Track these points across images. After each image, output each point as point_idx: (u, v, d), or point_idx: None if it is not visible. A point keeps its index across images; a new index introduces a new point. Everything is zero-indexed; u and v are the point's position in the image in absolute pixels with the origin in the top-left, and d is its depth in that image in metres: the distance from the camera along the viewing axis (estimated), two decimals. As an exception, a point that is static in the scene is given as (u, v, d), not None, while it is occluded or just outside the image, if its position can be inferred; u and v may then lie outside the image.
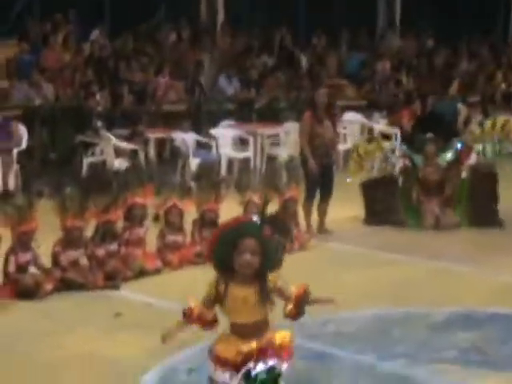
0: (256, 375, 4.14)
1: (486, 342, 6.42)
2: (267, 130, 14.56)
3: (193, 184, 9.69)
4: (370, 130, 16.01)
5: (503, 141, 10.87)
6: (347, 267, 8.71)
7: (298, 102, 16.37)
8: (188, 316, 4.35)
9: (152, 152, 13.40)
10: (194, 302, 4.38)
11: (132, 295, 7.63)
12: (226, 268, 4.20)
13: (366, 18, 21.42)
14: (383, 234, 10.27)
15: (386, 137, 15.09)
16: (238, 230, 4.15)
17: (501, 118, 11.13)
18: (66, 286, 7.69)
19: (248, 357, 4.17)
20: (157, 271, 8.34)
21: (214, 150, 13.49)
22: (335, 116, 10.40)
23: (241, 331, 4.22)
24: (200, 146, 13.58)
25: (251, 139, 14.08)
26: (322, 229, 10.22)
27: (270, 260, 4.16)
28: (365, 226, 10.66)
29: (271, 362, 4.16)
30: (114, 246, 8.26)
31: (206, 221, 9.02)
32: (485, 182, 10.71)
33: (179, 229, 8.82)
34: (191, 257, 8.72)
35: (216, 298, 4.25)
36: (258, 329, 4.21)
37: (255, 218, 4.30)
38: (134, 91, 14.52)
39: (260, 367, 4.15)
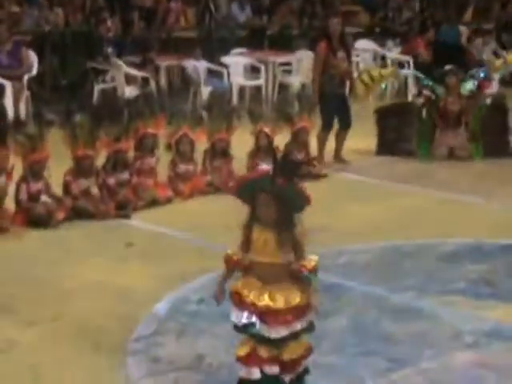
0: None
1: (494, 274, 6.44)
2: (279, 58, 14.43)
3: (204, 113, 9.63)
4: (383, 58, 15.85)
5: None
6: (358, 198, 8.72)
7: (310, 30, 16.22)
8: (227, 262, 4.51)
9: (163, 80, 13.32)
10: (231, 249, 4.52)
11: (143, 224, 7.67)
12: (251, 209, 4.38)
13: None
14: (395, 165, 10.27)
15: (399, 65, 14.96)
16: (252, 185, 4.34)
17: None
18: (77, 214, 7.72)
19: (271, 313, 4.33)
20: (168, 201, 8.35)
21: (225, 78, 13.39)
22: (349, 46, 10.26)
23: (260, 272, 4.38)
24: (211, 73, 13.48)
25: (263, 67, 13.96)
26: (338, 157, 10.22)
27: (288, 206, 4.30)
28: (376, 156, 10.64)
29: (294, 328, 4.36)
30: (125, 176, 8.27)
31: (217, 150, 9.01)
32: (496, 114, 10.66)
33: (190, 158, 8.81)
34: (202, 186, 8.74)
35: (249, 239, 4.40)
36: (277, 273, 4.36)
37: (268, 169, 4.34)
38: (144, 17, 14.37)
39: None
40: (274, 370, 4.41)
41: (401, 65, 14.99)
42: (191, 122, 9.04)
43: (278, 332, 4.37)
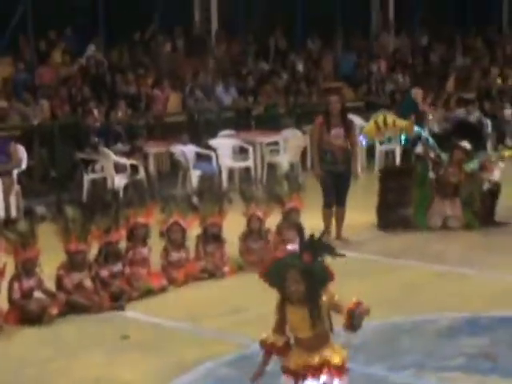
0: None
1: (493, 347, 6.41)
2: (266, 138, 14.57)
3: (195, 199, 9.68)
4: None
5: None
6: (354, 274, 8.67)
7: (296, 107, 16.42)
8: (263, 347, 4.78)
9: (152, 166, 13.40)
10: (265, 333, 4.80)
11: (138, 315, 7.62)
12: (282, 291, 4.67)
13: (360, 19, 21.40)
14: (390, 239, 10.27)
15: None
16: (281, 264, 4.66)
17: None
18: (71, 309, 7.67)
19: (307, 369, 4.65)
20: (162, 289, 8.32)
21: (213, 161, 13.49)
22: (349, 122, 10.34)
23: (303, 345, 4.69)
24: (200, 157, 13.58)
25: (251, 148, 14.09)
26: (339, 236, 10.25)
27: (316, 282, 4.58)
28: (369, 231, 10.66)
29: (323, 379, 4.61)
30: (117, 267, 8.25)
31: (209, 235, 9.03)
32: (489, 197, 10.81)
33: (182, 245, 8.81)
34: (196, 272, 8.73)
35: (283, 321, 4.70)
36: (318, 342, 4.66)
37: (295, 248, 4.68)
38: (131, 105, 14.53)
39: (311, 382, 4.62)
40: None
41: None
42: (182, 208, 9.06)
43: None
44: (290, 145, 14.39)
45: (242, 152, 14.35)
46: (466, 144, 10.86)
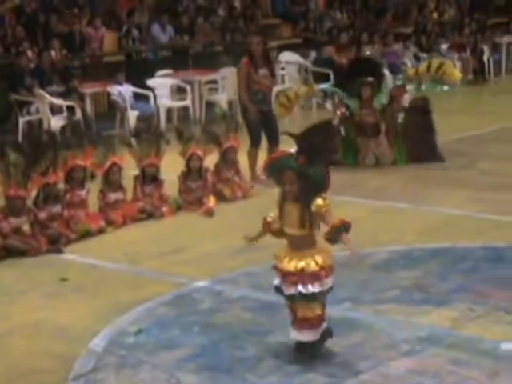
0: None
1: (426, 279, 6.56)
2: (204, 77, 14.49)
3: (132, 139, 9.63)
4: (307, 70, 16.03)
5: (438, 83, 10.95)
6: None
7: (233, 45, 16.31)
8: (263, 224, 5.22)
9: (89, 107, 13.25)
10: (272, 214, 5.19)
11: (77, 258, 7.61)
12: (280, 187, 5.09)
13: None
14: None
15: (323, 75, 15.15)
16: (278, 163, 5.07)
17: (436, 60, 11.23)
18: (8, 253, 7.63)
19: (286, 274, 5.09)
20: (100, 231, 8.30)
21: (151, 101, 13.39)
22: (272, 63, 10.38)
23: (290, 241, 5.12)
24: (138, 97, 13.46)
25: (189, 87, 14.00)
26: None
27: (310, 184, 4.96)
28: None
29: (299, 288, 5.03)
30: (56, 208, 8.20)
31: (147, 176, 9.01)
32: (419, 117, 10.85)
33: (120, 186, 8.78)
34: (134, 213, 8.72)
35: (281, 213, 5.11)
36: (303, 243, 5.07)
37: (293, 151, 5.02)
38: (66, 45, 14.28)
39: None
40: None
41: (325, 75, 15.20)
42: (119, 148, 9.02)
43: (288, 290, 5.11)
44: (228, 83, 14.34)
45: (179, 91, 14.27)
46: (368, 78, 10.88)
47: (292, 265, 5.07)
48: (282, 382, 4.99)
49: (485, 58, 18.50)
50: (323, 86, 11.73)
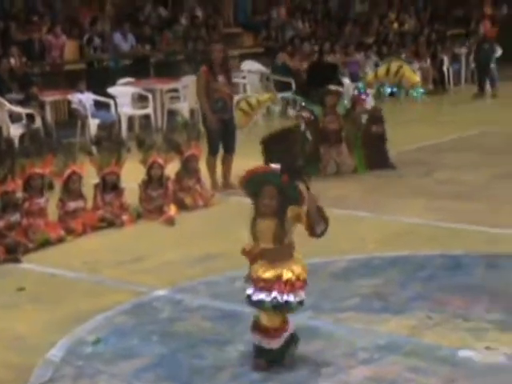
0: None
1: (386, 287, 6.60)
2: (166, 85, 14.47)
3: (93, 147, 9.57)
4: (268, 78, 16.07)
5: (398, 86, 11.09)
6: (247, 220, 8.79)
7: (195, 54, 16.31)
8: (245, 255, 5.23)
9: (49, 115, 13.16)
10: (248, 243, 5.25)
11: (35, 267, 7.54)
12: (255, 203, 5.14)
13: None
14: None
15: (285, 84, 15.19)
16: (261, 178, 5.09)
17: (395, 64, 11.31)
18: (-35, 262, 7.55)
19: (260, 282, 5.10)
20: (60, 240, 8.23)
21: (112, 109, 13.33)
22: (230, 71, 10.40)
23: (266, 256, 5.13)
24: (99, 105, 13.39)
25: (150, 95, 13.98)
26: (227, 183, 10.27)
27: (288, 202, 5.05)
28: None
29: (273, 294, 5.07)
30: (15, 217, 8.12)
31: (107, 184, 8.97)
32: (373, 127, 10.97)
33: (79, 195, 8.73)
34: (94, 222, 8.67)
35: (254, 231, 5.15)
36: (280, 256, 5.13)
37: (276, 167, 5.10)
38: (25, 52, 14.18)
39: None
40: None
41: (287, 84, 15.25)
42: (79, 157, 8.97)
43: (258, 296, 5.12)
44: (189, 91, 14.31)
45: (141, 100, 14.23)
46: (334, 87, 10.97)
47: (268, 274, 5.12)
48: (240, 390, 4.99)
49: (444, 68, 18.71)
50: (284, 94, 11.80)
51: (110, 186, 8.97)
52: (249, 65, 16.35)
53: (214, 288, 6.74)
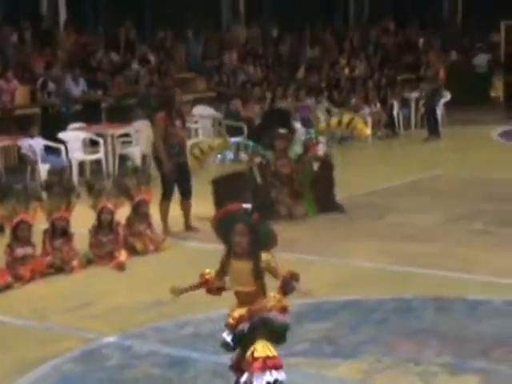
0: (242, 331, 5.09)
1: (337, 331, 6.60)
2: (117, 130, 14.44)
3: (43, 193, 9.49)
4: (220, 123, 16.15)
5: (348, 137, 11.29)
6: (203, 266, 8.70)
7: (147, 99, 16.31)
8: (200, 277, 5.26)
9: (-1, 161, 13.06)
10: (208, 270, 5.26)
11: (-18, 315, 7.41)
12: (227, 244, 5.14)
13: (211, 9, 21.50)
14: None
15: (237, 129, 15.28)
16: (232, 217, 5.11)
17: (347, 116, 11.63)
18: None
19: (240, 320, 5.09)
20: (7, 287, 8.11)
21: (63, 155, 13.26)
22: (184, 115, 10.47)
23: (240, 299, 5.13)
24: (49, 150, 13.31)
25: (101, 140, 13.93)
26: (187, 226, 10.26)
27: (259, 240, 5.06)
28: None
29: (245, 326, 5.07)
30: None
31: (56, 230, 8.88)
32: (323, 171, 11.08)
33: (28, 241, 8.62)
34: (43, 268, 8.57)
35: (223, 270, 5.17)
36: (254, 298, 5.08)
37: (247, 206, 5.15)
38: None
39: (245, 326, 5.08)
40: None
41: (239, 129, 15.34)
42: (28, 202, 8.86)
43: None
44: (141, 136, 14.32)
45: (92, 145, 14.18)
46: (283, 131, 11.09)
47: (242, 310, 5.11)
48: None
49: (395, 113, 18.95)
50: (236, 139, 11.86)
51: (59, 231, 8.88)
52: (201, 109, 16.41)
53: (163, 334, 6.69)
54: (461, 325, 6.75)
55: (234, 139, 11.82)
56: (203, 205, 10.68)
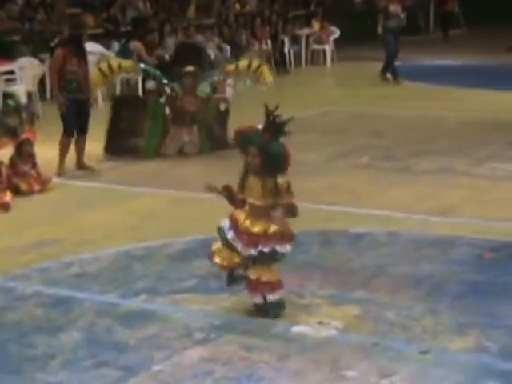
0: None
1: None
2: (0, 67, 13.95)
3: None
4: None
5: (254, 81, 11.30)
6: (89, 205, 8.67)
7: (32, 35, 15.83)
8: (225, 188, 5.65)
9: None
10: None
11: None
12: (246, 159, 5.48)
13: None
14: (127, 167, 10.36)
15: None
16: (246, 138, 5.49)
17: (256, 61, 11.66)
18: None
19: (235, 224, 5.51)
20: None
21: None
22: (85, 50, 10.18)
23: (252, 211, 5.51)
24: None
25: (-17, 78, 13.46)
26: (80, 165, 10.13)
27: (270, 161, 5.37)
28: (108, 160, 10.63)
29: (265, 249, 5.44)
30: None
31: None
32: (223, 112, 11.09)
33: None
34: None
35: (242, 183, 5.56)
36: (264, 212, 5.46)
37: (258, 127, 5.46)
38: None
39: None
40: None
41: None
42: None
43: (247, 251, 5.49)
44: (26, 74, 13.90)
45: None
46: (190, 68, 10.99)
47: (255, 228, 5.43)
48: (72, 378, 4.88)
49: (285, 50, 18.95)
50: (146, 66, 11.65)
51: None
52: (89, 46, 15.93)
53: (48, 274, 6.59)
54: (344, 257, 6.90)
55: (142, 64, 11.65)
56: (96, 143, 10.56)
